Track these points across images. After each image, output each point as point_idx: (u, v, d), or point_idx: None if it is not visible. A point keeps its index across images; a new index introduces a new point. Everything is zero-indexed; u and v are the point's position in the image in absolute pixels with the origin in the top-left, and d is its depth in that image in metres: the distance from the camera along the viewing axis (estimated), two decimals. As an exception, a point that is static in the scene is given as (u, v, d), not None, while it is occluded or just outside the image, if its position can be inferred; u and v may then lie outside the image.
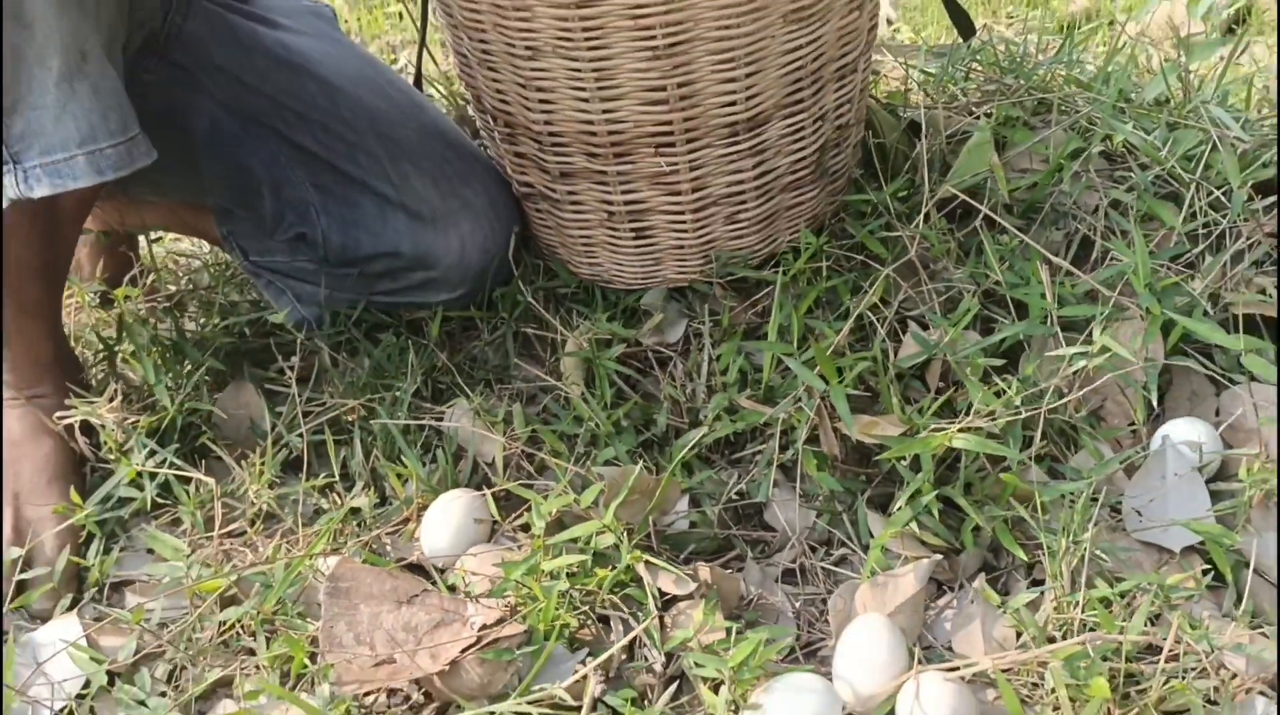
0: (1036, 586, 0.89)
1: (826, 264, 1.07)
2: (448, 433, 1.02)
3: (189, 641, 0.88)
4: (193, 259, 1.40)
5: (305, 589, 0.92)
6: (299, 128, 1.09)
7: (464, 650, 0.81)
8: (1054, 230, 1.09)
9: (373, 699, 0.85)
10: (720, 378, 1.01)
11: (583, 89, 0.99)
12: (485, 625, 0.83)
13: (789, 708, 0.79)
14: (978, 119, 1.14)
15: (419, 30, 1.20)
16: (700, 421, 0.99)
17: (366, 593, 0.85)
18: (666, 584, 0.86)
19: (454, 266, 1.11)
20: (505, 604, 0.86)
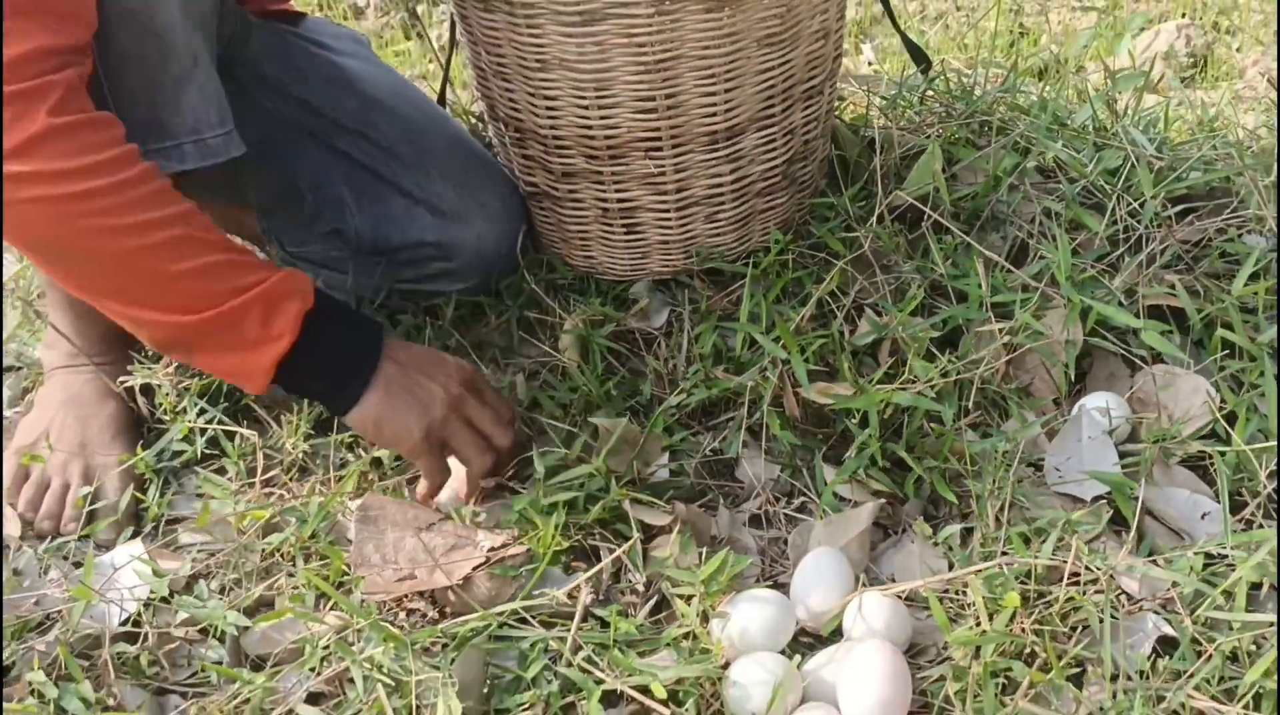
0: (968, 531, 1.03)
1: (793, 258, 1.22)
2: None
3: (237, 565, 1.02)
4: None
5: (335, 525, 1.06)
6: (340, 137, 1.25)
7: (475, 567, 0.96)
8: (993, 234, 1.25)
9: (394, 613, 0.99)
10: (698, 353, 1.16)
11: (584, 98, 1.15)
12: (493, 547, 0.97)
13: (750, 615, 0.93)
14: (929, 138, 1.30)
15: (446, 54, 1.36)
16: (680, 390, 1.14)
17: (391, 520, 0.99)
18: (647, 517, 1.00)
19: (470, 259, 1.26)
20: (510, 534, 1.00)
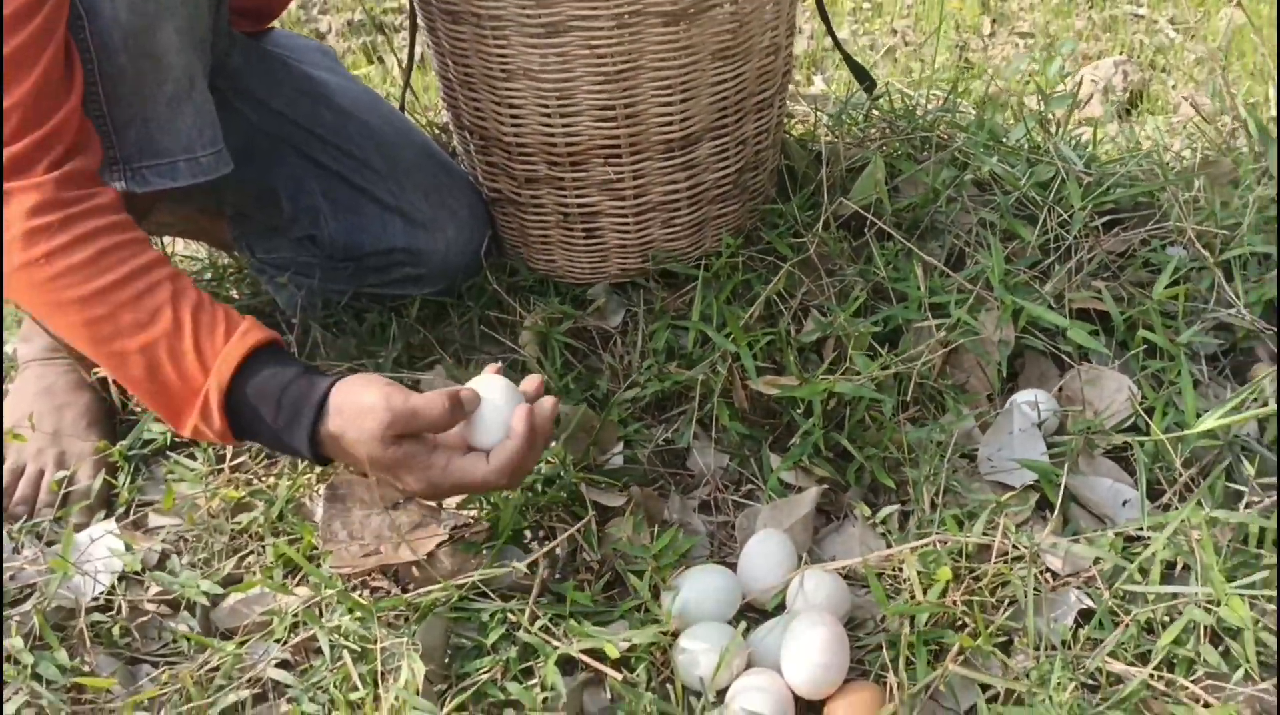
0: (905, 514, 1.09)
1: (743, 262, 1.28)
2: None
3: (208, 543, 1.06)
4: (194, 261, 1.59)
5: (302, 508, 1.10)
6: (317, 147, 1.30)
7: (438, 544, 1.00)
8: (932, 242, 1.32)
9: (359, 591, 1.03)
10: (652, 349, 1.22)
11: (547, 107, 1.21)
12: (456, 526, 1.02)
13: (699, 588, 0.98)
14: (873, 152, 1.37)
15: (406, 66, 1.42)
16: (635, 384, 1.20)
17: (358, 499, 1.03)
18: (603, 498, 1.05)
19: (438, 264, 1.32)
20: (472, 513, 1.05)
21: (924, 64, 2.33)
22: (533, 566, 1.00)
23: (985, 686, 0.94)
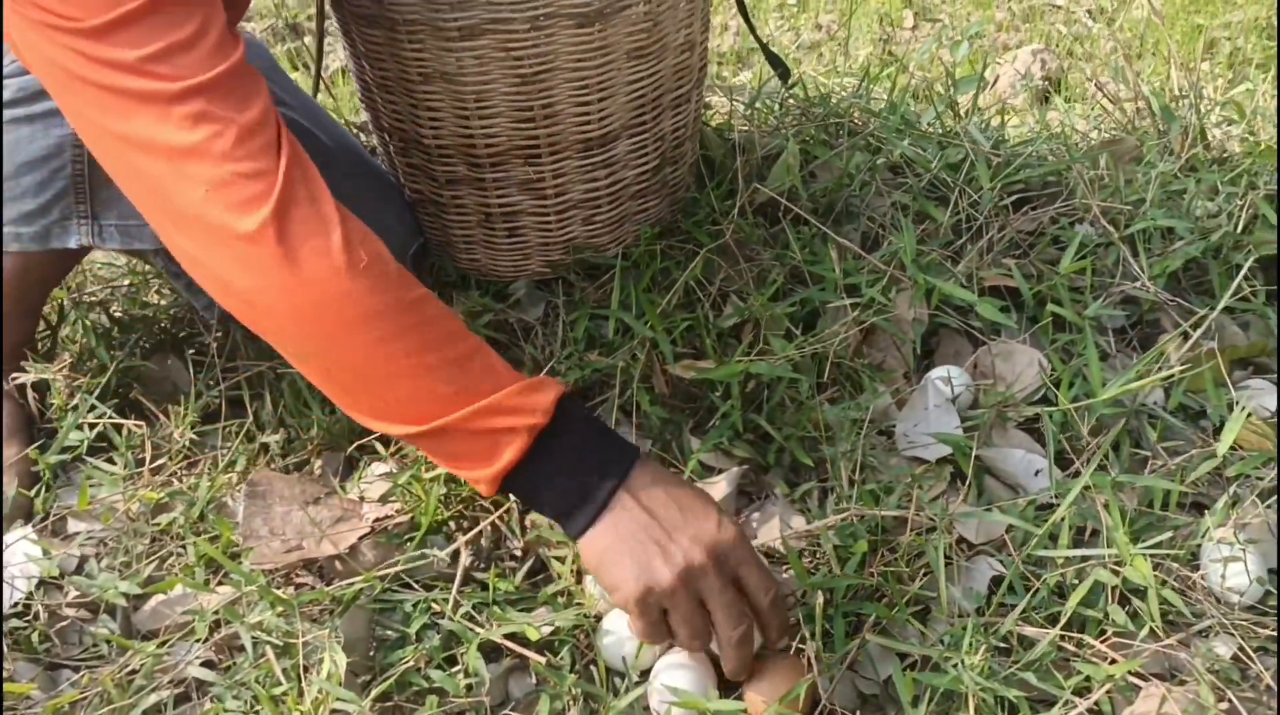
0: (825, 492, 1.11)
1: (661, 250, 1.30)
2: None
3: (127, 547, 1.05)
4: (112, 268, 1.57)
5: (223, 508, 1.10)
6: None
7: (360, 537, 1.01)
8: (847, 226, 1.34)
9: (281, 587, 1.03)
10: (572, 338, 1.23)
11: (465, 109, 1.21)
12: (378, 518, 1.02)
13: (620, 571, 0.99)
14: (788, 138, 1.39)
15: (315, 68, 1.41)
16: (556, 373, 1.21)
17: (279, 495, 1.03)
18: (525, 487, 1.06)
19: None
20: (394, 506, 1.05)
21: (847, 58, 2.37)
22: (455, 555, 1.00)
23: (903, 656, 0.96)
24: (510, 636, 0.94)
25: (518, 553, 1.04)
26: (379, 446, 1.15)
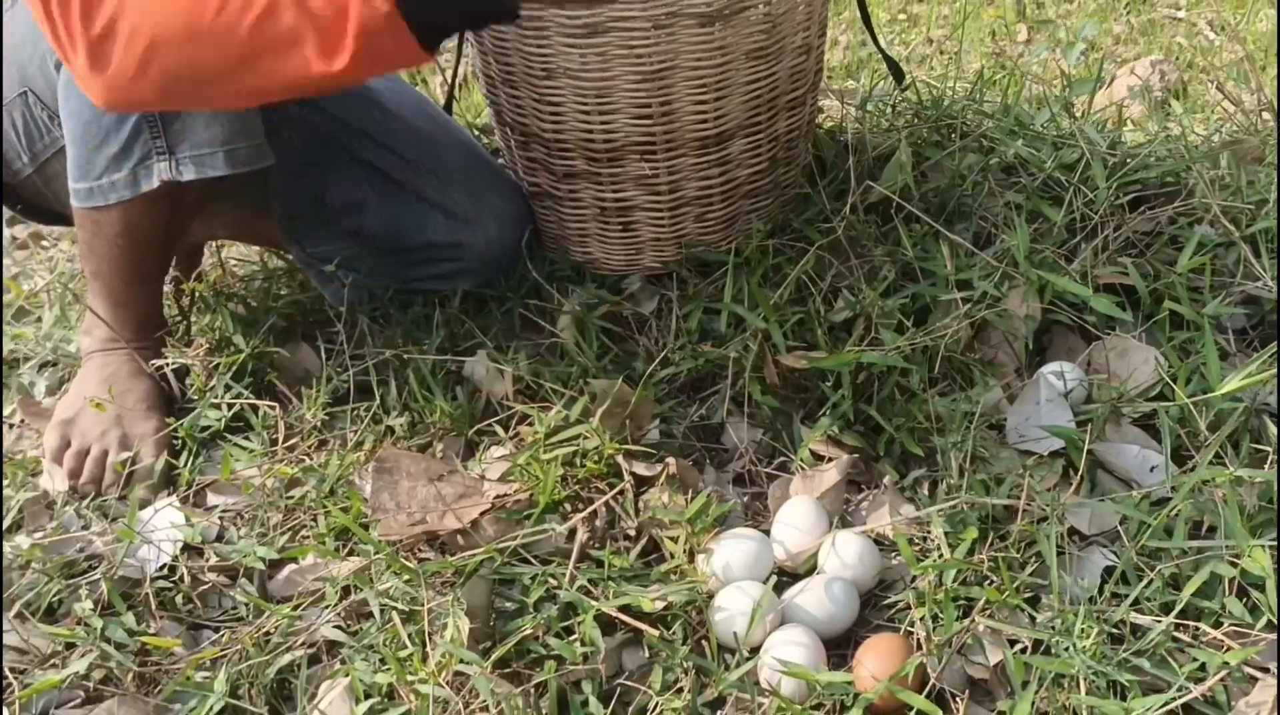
0: (935, 481, 1.12)
1: (774, 247, 1.32)
2: (466, 376, 1.26)
3: (263, 519, 1.11)
4: (246, 263, 1.65)
5: (351, 485, 1.15)
6: (365, 146, 1.36)
7: (482, 512, 1.05)
8: (960, 225, 1.35)
9: (406, 559, 1.07)
10: (685, 330, 1.26)
11: (585, 104, 1.25)
12: (499, 495, 1.06)
13: (733, 550, 1.02)
14: (900, 139, 1.40)
15: (453, 67, 1.48)
16: (670, 363, 1.24)
17: (405, 471, 1.08)
18: (639, 468, 1.09)
19: (479, 258, 1.37)
20: (514, 484, 1.09)
21: (959, 69, 2.36)
22: (572, 533, 1.04)
23: (1013, 642, 0.96)
24: (624, 610, 0.97)
25: (631, 532, 1.07)
26: (499, 429, 1.19)
